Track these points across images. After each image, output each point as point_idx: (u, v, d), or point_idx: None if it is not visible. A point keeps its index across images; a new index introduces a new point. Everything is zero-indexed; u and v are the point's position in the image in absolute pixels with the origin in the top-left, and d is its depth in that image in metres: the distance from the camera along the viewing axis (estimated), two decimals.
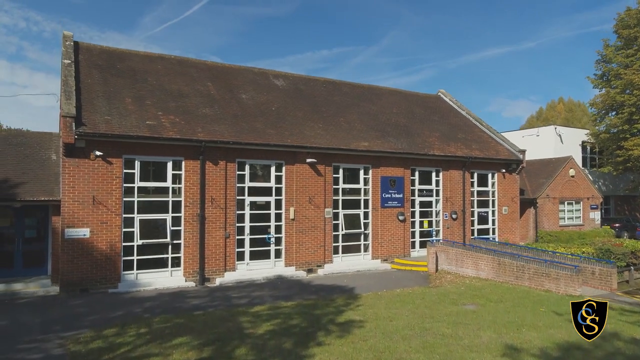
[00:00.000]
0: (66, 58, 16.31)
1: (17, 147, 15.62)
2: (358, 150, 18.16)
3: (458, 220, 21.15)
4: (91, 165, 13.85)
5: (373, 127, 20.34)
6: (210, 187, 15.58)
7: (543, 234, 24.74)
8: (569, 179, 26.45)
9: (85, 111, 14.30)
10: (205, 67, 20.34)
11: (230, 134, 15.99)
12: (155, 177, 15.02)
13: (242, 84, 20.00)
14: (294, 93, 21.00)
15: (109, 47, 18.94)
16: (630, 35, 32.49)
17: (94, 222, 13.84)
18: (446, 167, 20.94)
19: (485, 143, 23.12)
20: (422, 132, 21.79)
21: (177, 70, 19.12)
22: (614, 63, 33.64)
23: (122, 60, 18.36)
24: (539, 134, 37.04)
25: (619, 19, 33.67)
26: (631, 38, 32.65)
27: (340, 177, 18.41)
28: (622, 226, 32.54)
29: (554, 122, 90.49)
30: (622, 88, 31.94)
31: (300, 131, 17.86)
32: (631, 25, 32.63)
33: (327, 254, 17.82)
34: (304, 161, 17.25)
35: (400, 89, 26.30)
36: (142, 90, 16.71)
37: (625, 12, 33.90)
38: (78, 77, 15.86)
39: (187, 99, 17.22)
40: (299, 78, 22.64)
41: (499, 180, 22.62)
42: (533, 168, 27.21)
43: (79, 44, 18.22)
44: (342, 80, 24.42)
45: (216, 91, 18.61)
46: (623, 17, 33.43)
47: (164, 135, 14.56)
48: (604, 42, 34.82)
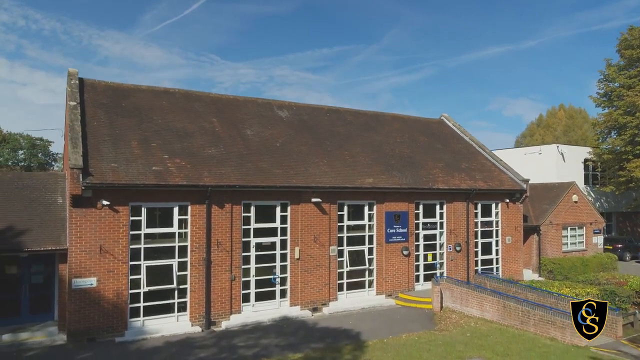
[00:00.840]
0: (72, 99, 16.33)
1: (23, 190, 15.64)
2: (363, 188, 18.20)
3: (462, 252, 21.19)
4: (98, 215, 13.88)
5: (377, 160, 20.36)
6: (216, 231, 15.62)
7: (546, 261, 24.78)
8: (572, 205, 26.49)
9: (91, 158, 14.32)
10: (210, 100, 20.36)
11: (236, 176, 16.02)
12: (161, 223, 15.05)
13: (246, 118, 20.02)
14: (298, 125, 21.03)
15: (114, 83, 18.96)
16: (633, 56, 32.55)
17: (101, 271, 13.88)
18: (450, 199, 20.97)
19: (488, 172, 23.15)
20: (426, 163, 21.81)
21: (182, 106, 19.14)
22: (616, 83, 33.71)
23: (127, 96, 18.38)
24: (541, 152, 37.08)
25: (621, 39, 33.72)
26: (634, 59, 32.72)
27: (345, 214, 18.44)
28: (624, 247, 32.64)
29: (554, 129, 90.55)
30: (625, 109, 32.01)
31: (306, 169, 17.89)
32: (634, 45, 32.68)
33: (332, 292, 17.87)
34: (309, 200, 17.29)
35: (403, 115, 26.33)
36: (148, 131, 16.73)
37: (629, 31, 33.96)
38: (84, 120, 15.88)
39: (192, 138, 17.24)
40: (302, 108, 22.66)
41: (502, 210, 22.65)
42: (536, 192, 27.23)
43: (84, 81, 18.25)
44: (345, 108, 24.45)
45: (221, 127, 18.63)
46: (626, 37, 33.48)
47: (170, 182, 14.59)
48: (607, 62, 34.88)
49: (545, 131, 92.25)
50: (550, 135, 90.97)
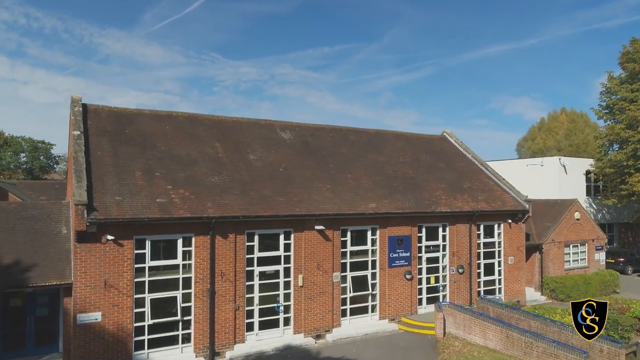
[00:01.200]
0: (75, 128, 16.36)
1: (28, 221, 15.69)
2: (366, 214, 18.23)
3: (465, 273, 21.22)
4: (102, 249, 13.92)
5: (380, 184, 20.37)
6: (220, 261, 15.66)
7: (548, 280, 24.81)
8: (575, 222, 26.50)
9: (96, 192, 14.36)
10: (213, 123, 20.36)
11: (240, 206, 16.05)
12: (165, 255, 15.08)
13: (249, 141, 20.04)
14: (301, 147, 21.04)
15: (117, 108, 18.99)
16: (635, 70, 32.50)
17: (106, 305, 13.93)
18: (453, 221, 20.99)
19: (491, 192, 23.16)
20: (429, 184, 21.82)
21: (185, 131, 19.16)
22: (618, 95, 33.67)
23: (130, 122, 18.41)
24: (543, 164, 37.11)
25: (624, 52, 33.68)
26: (636, 72, 32.67)
27: (348, 240, 18.48)
28: (626, 260, 32.65)
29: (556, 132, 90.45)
30: (627, 123, 31.97)
31: (309, 195, 17.92)
32: (636, 59, 32.64)
33: (335, 318, 17.91)
34: (312, 228, 17.32)
35: (406, 132, 26.32)
36: (151, 159, 16.76)
37: (631, 43, 33.92)
38: (88, 149, 15.91)
39: (195, 166, 17.27)
40: (305, 128, 22.67)
41: (505, 231, 22.67)
42: (538, 209, 27.23)
43: (87, 106, 18.27)
44: (348, 127, 24.46)
45: (224, 153, 18.66)
46: (628, 51, 33.42)
47: (174, 215, 14.64)
48: (609, 75, 34.83)
49: (547, 135, 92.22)
50: (551, 139, 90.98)
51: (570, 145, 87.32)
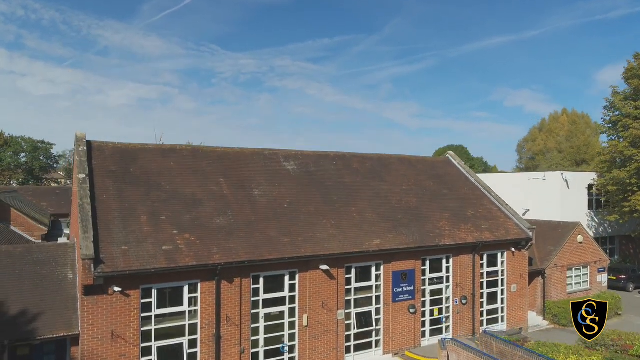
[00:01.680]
0: (81, 171, 16.37)
1: (34, 266, 15.73)
2: (370, 252, 18.28)
3: (468, 304, 21.31)
4: (109, 300, 13.99)
5: (384, 216, 20.39)
6: (226, 306, 15.73)
7: (551, 305, 24.91)
8: (577, 245, 26.55)
9: (102, 241, 14.39)
10: (217, 156, 20.33)
11: (245, 249, 16.09)
12: (171, 302, 15.14)
13: (254, 175, 20.04)
14: (305, 179, 21.04)
15: (121, 145, 18.97)
16: (639, 87, 32.37)
17: (113, 356, 14.02)
18: (457, 253, 21.05)
19: (494, 220, 23.18)
20: (433, 214, 21.84)
21: (189, 166, 19.15)
22: (622, 112, 33.57)
23: (134, 159, 18.39)
24: (545, 178, 37.10)
25: (628, 68, 33.53)
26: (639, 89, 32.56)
27: (352, 277, 18.55)
28: (627, 277, 32.71)
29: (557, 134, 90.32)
30: (631, 141, 31.92)
31: (314, 234, 17.95)
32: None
33: (339, 356, 18.02)
34: (317, 267, 17.38)
35: (409, 156, 26.29)
36: (157, 201, 16.77)
37: (635, 57, 33.78)
38: (93, 193, 15.93)
39: (201, 206, 17.28)
40: (309, 157, 22.64)
41: (508, 259, 22.73)
42: (541, 231, 27.25)
43: (92, 144, 18.26)
44: (352, 153, 24.41)
45: (229, 189, 18.66)
46: (632, 67, 33.28)
47: (180, 264, 14.68)
48: (613, 90, 34.73)
49: (548, 136, 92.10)
50: (552, 141, 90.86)
51: (572, 147, 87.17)
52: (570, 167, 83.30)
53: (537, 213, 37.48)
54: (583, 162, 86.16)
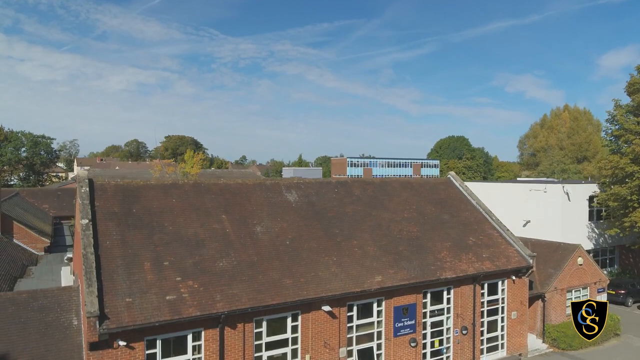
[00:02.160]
0: (84, 216, 16.42)
1: (39, 312, 15.87)
2: (372, 291, 18.42)
3: (468, 334, 21.53)
4: (115, 354, 14.14)
5: (386, 249, 20.49)
6: (229, 352, 15.90)
7: (550, 328, 25.15)
8: (577, 268, 26.69)
9: (106, 293, 14.51)
10: (219, 190, 20.37)
11: (248, 295, 16.21)
12: (175, 351, 15.29)
13: (255, 208, 20.10)
14: (306, 210, 21.09)
15: (123, 182, 19.01)
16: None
17: None
18: (457, 284, 21.19)
19: (495, 247, 23.29)
20: (434, 244, 21.94)
21: (192, 202, 19.20)
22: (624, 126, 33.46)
23: (137, 198, 18.43)
24: (547, 190, 37.13)
25: (631, 82, 33.34)
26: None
27: (354, 315, 18.70)
28: (626, 292, 32.95)
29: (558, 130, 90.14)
30: (633, 157, 31.87)
31: (315, 273, 18.06)
32: None
33: None
34: (319, 308, 17.53)
35: (411, 179, 26.31)
36: (160, 245, 16.85)
37: (638, 70, 33.57)
38: (96, 240, 16.01)
39: (203, 248, 17.37)
40: (310, 186, 22.66)
41: (508, 286, 22.89)
42: (542, 252, 27.39)
43: (94, 184, 18.29)
44: (353, 178, 24.50)
45: (231, 227, 18.73)
46: (635, 81, 33.08)
47: (184, 315, 14.81)
48: (615, 102, 34.58)
49: (549, 133, 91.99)
50: (553, 137, 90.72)
51: (573, 144, 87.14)
52: (571, 164, 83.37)
53: (538, 224, 37.70)
54: (584, 159, 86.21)
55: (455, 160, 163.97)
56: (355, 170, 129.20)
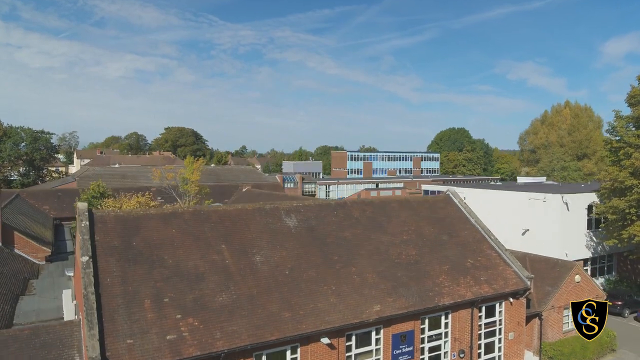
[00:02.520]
0: (84, 252, 16.54)
1: (41, 349, 16.07)
2: (370, 322, 18.61)
3: (466, 357, 21.78)
4: None
5: (384, 275, 20.65)
6: None
7: (547, 346, 25.44)
8: (575, 285, 26.90)
9: (107, 335, 14.68)
10: (219, 217, 20.47)
11: (248, 331, 16.38)
12: None
13: (255, 236, 20.22)
14: (306, 237, 21.21)
15: (123, 213, 19.11)
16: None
17: None
18: (455, 309, 21.39)
19: (493, 268, 23.45)
20: (432, 267, 22.10)
21: (191, 232, 19.31)
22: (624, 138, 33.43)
23: (137, 229, 18.54)
24: (546, 200, 37.21)
25: (631, 94, 33.25)
26: None
27: (352, 344, 18.92)
28: (623, 304, 33.22)
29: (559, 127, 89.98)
30: (632, 171, 31.90)
31: (315, 305, 18.23)
32: None
33: None
34: (318, 340, 17.73)
35: (410, 198, 26.39)
36: (159, 280, 16.99)
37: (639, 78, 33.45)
38: (97, 278, 16.14)
39: (203, 282, 17.51)
40: (310, 209, 22.74)
41: (506, 308, 23.11)
42: (540, 267, 27.60)
43: (94, 216, 18.38)
44: (352, 200, 24.61)
45: (231, 257, 18.87)
46: (636, 92, 32.97)
47: (184, 356, 14.98)
48: (616, 114, 34.49)
49: (549, 129, 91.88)
50: (554, 134, 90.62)
51: (573, 141, 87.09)
52: (571, 161, 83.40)
53: (537, 232, 37.87)
54: (584, 156, 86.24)
55: (455, 153, 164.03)
56: (355, 164, 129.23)
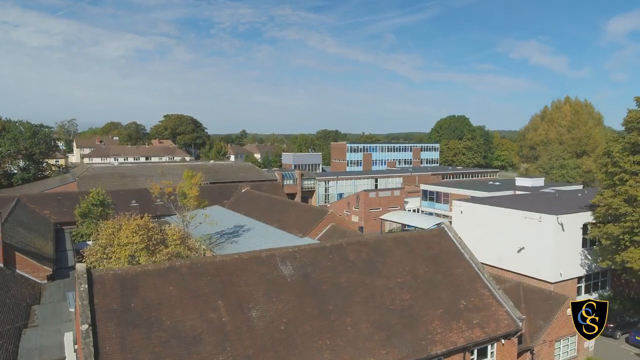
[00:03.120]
0: (84, 320, 16.93)
1: None
2: None
3: None
4: None
5: (378, 325, 21.10)
6: None
7: None
8: (567, 318, 27.37)
9: None
10: (216, 270, 20.80)
11: None
12: None
13: (252, 289, 20.60)
14: (301, 286, 21.59)
15: (122, 271, 19.44)
16: (638, 142, 32.21)
17: None
18: (447, 354, 21.90)
19: (486, 309, 23.91)
20: (426, 312, 22.54)
21: (189, 288, 19.68)
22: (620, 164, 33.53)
23: (135, 289, 18.90)
24: (541, 220, 37.54)
25: (627, 118, 33.23)
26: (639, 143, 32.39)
27: None
28: (615, 326, 33.75)
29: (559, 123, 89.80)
30: (626, 198, 32.10)
31: None
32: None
33: None
34: None
35: (405, 234, 26.70)
36: (158, 345, 17.41)
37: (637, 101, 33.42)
38: (97, 346, 16.56)
39: (200, 344, 17.94)
40: (305, 254, 23.06)
41: (497, 349, 23.64)
42: (532, 298, 28.07)
43: (93, 276, 18.72)
44: (348, 241, 24.84)
45: (227, 315, 19.27)
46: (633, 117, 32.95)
47: None
48: (614, 137, 34.50)
49: (549, 126, 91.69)
50: (554, 131, 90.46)
51: (573, 139, 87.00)
52: (570, 158, 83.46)
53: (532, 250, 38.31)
54: (583, 153, 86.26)
55: (455, 141, 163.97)
56: (355, 156, 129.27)
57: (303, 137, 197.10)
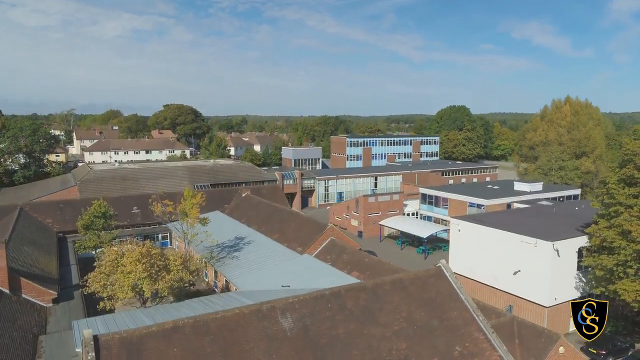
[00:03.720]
0: None
1: None
2: None
3: None
4: None
5: None
6: None
7: None
8: (559, 356, 28.17)
9: None
10: (217, 328, 21.39)
11: None
12: None
13: (253, 347, 21.23)
14: (300, 340, 22.25)
15: (126, 333, 20.05)
16: (634, 176, 32.57)
17: None
18: None
19: (480, 355, 24.62)
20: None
21: (192, 349, 20.30)
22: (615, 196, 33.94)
23: (140, 353, 19.55)
24: (537, 245, 38.14)
25: (624, 151, 33.50)
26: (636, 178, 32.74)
27: None
28: (607, 353, 34.66)
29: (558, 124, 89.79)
30: (620, 231, 32.61)
31: None
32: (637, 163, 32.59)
33: None
34: None
35: (402, 275, 27.28)
36: None
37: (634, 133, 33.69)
38: None
39: None
40: (305, 304, 23.65)
41: None
42: (526, 334, 28.81)
43: (99, 341, 19.34)
44: (346, 287, 25.44)
45: None
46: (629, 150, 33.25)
47: None
48: (609, 168, 34.84)
49: (549, 126, 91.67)
50: (553, 132, 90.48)
51: (572, 140, 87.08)
52: (569, 159, 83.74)
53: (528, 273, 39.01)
54: (583, 154, 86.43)
55: (455, 132, 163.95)
56: (355, 150, 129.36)
57: (303, 125, 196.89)
